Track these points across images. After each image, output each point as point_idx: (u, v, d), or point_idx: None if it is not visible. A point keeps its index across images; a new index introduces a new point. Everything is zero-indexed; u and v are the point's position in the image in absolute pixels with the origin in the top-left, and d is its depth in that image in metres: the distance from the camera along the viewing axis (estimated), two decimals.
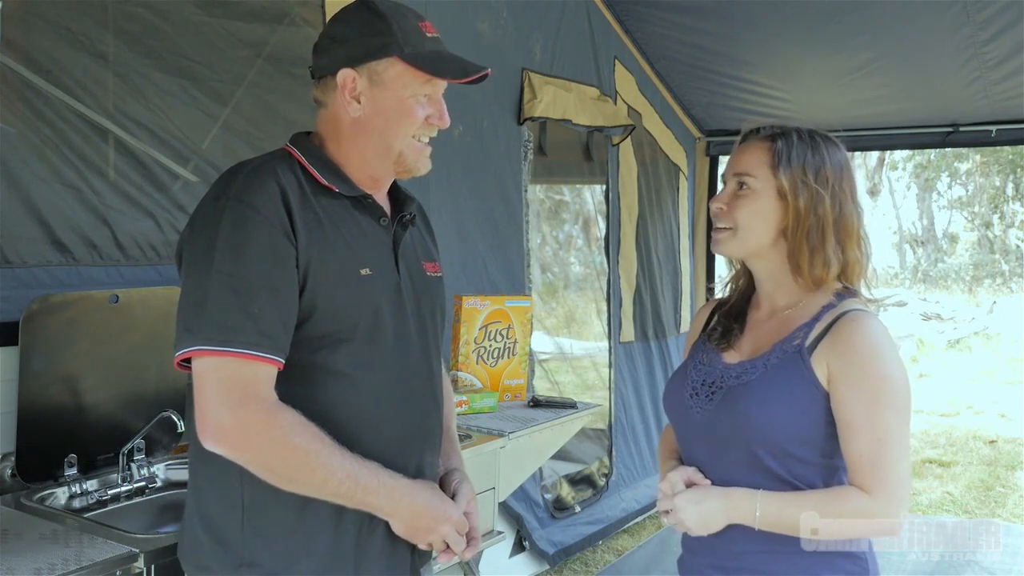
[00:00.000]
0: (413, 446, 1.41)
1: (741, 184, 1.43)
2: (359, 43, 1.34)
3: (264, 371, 1.24)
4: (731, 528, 1.37)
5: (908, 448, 1.36)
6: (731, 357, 1.47)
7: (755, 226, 1.42)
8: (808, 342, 1.38)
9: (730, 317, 1.53)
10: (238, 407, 1.22)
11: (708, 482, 1.41)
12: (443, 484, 1.46)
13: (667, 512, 1.40)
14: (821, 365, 1.36)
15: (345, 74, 1.34)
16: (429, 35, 1.37)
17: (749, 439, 1.37)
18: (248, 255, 1.24)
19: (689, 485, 1.41)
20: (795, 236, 1.41)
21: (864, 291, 1.45)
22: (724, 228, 1.45)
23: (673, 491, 1.40)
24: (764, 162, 1.42)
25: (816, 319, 1.40)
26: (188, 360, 1.26)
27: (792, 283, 1.45)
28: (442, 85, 1.39)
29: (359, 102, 1.35)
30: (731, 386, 1.41)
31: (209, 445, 1.24)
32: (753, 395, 1.38)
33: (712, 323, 1.57)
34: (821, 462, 1.38)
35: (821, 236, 1.40)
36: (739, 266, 1.56)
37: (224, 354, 1.22)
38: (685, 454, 1.50)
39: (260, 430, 1.23)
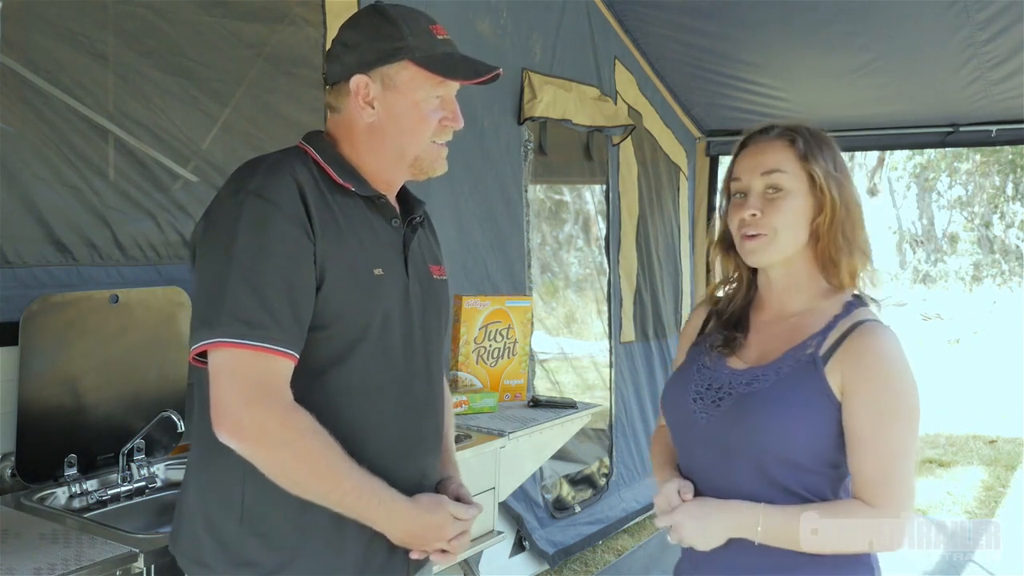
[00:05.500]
0: (416, 450, 1.41)
1: (769, 186, 1.38)
2: (371, 48, 1.34)
3: (282, 366, 1.24)
4: (735, 540, 1.34)
5: (915, 462, 1.34)
6: (736, 363, 1.43)
7: (793, 228, 1.38)
8: (822, 352, 1.34)
9: (730, 326, 1.48)
10: (255, 403, 1.22)
11: (693, 495, 1.37)
12: (439, 491, 1.46)
13: (668, 528, 1.36)
14: (835, 376, 1.32)
15: (358, 80, 1.35)
16: (440, 37, 1.38)
17: (760, 448, 1.34)
18: (268, 250, 1.24)
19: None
20: (830, 231, 1.37)
21: (865, 286, 1.42)
22: (759, 235, 1.38)
23: (670, 506, 1.36)
24: (791, 157, 1.38)
25: (829, 328, 1.36)
26: (203, 354, 1.25)
27: (811, 287, 1.42)
28: (455, 87, 1.39)
29: (373, 107, 1.36)
30: (741, 393, 1.38)
31: (224, 439, 1.23)
32: (767, 404, 1.34)
33: (709, 328, 1.53)
34: (828, 472, 1.35)
35: (853, 227, 1.38)
36: (737, 273, 1.49)
37: (243, 347, 1.21)
38: (685, 459, 1.47)
39: (275, 429, 1.22)
